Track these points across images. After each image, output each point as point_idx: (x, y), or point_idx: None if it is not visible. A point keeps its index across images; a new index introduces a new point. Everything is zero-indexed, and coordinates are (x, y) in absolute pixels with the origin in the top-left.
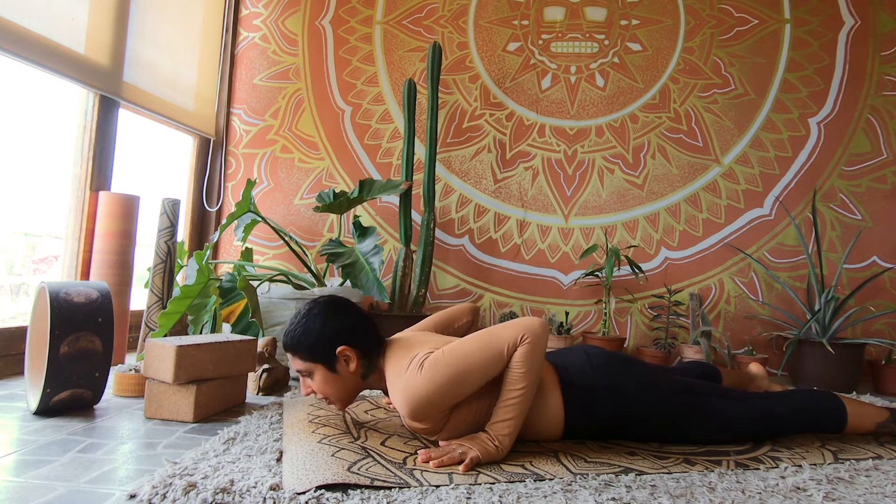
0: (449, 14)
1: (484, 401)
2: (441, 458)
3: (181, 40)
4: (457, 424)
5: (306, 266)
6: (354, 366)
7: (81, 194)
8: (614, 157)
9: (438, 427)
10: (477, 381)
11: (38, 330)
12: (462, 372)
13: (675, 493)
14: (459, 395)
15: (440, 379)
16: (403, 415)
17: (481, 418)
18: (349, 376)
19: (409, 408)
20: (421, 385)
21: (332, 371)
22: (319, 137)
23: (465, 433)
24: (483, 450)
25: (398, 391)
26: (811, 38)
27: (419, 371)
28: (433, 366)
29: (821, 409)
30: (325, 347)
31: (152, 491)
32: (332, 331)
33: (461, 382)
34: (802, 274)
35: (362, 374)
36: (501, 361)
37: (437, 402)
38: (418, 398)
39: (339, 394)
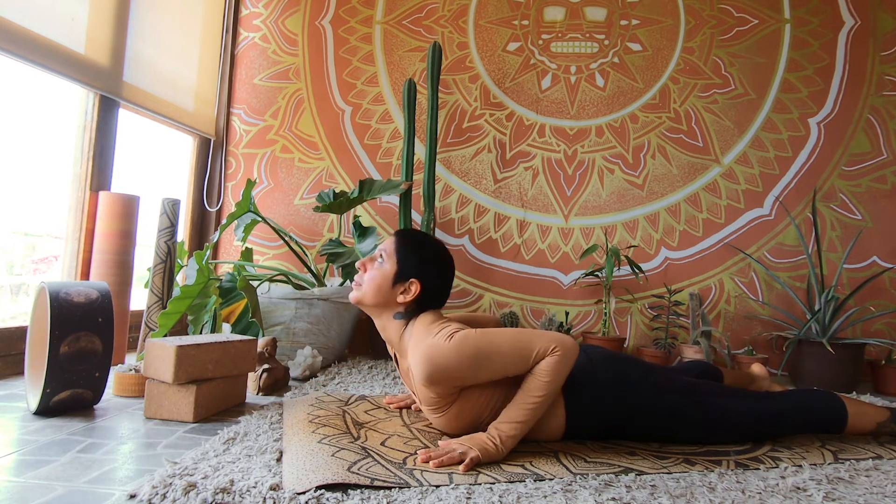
0: (449, 14)
1: (491, 398)
2: (441, 458)
3: (181, 40)
4: (459, 412)
5: (306, 266)
6: (403, 299)
7: (81, 194)
8: (614, 157)
9: (444, 403)
10: (497, 371)
11: (38, 330)
12: (487, 355)
13: (675, 493)
14: (476, 377)
15: (465, 353)
16: (419, 375)
17: (483, 414)
18: (391, 297)
19: (428, 369)
20: (445, 352)
21: (394, 279)
22: (319, 137)
23: (466, 423)
24: (483, 450)
25: (420, 351)
26: (811, 38)
27: (447, 340)
28: (463, 340)
29: (821, 408)
30: (413, 266)
31: (152, 491)
32: (430, 268)
33: (482, 366)
34: (802, 274)
35: (397, 312)
36: (526, 363)
37: (453, 374)
38: (438, 362)
39: (372, 292)
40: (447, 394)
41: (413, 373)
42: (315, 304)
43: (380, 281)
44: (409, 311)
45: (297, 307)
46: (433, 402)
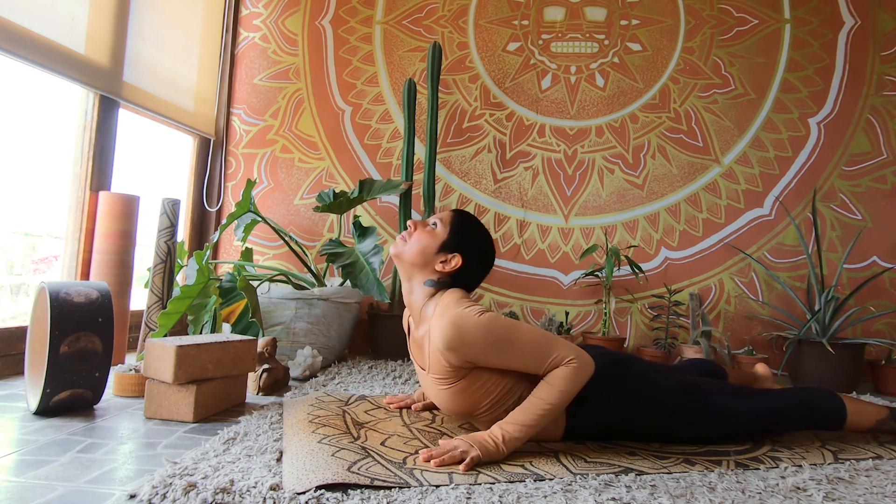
0: (449, 14)
1: (495, 388)
2: (442, 458)
3: (181, 40)
4: (462, 390)
5: (306, 266)
6: (441, 268)
7: (81, 194)
8: (614, 157)
9: (453, 376)
10: (512, 360)
11: (38, 330)
12: (509, 341)
13: (675, 493)
14: (492, 358)
15: (491, 332)
16: (441, 338)
17: (482, 402)
18: (431, 262)
19: (452, 334)
20: (473, 324)
21: (439, 247)
22: (319, 137)
23: (464, 405)
24: (484, 449)
25: (448, 316)
26: (811, 38)
27: (478, 315)
28: (491, 320)
29: (820, 405)
30: (462, 242)
31: (152, 491)
32: (475, 250)
33: (501, 350)
34: (802, 274)
35: (430, 279)
36: (541, 364)
37: (473, 347)
38: (464, 331)
39: (415, 250)
40: (458, 367)
41: (432, 337)
42: (315, 304)
43: (426, 242)
44: (442, 281)
45: (297, 307)
46: (443, 371)
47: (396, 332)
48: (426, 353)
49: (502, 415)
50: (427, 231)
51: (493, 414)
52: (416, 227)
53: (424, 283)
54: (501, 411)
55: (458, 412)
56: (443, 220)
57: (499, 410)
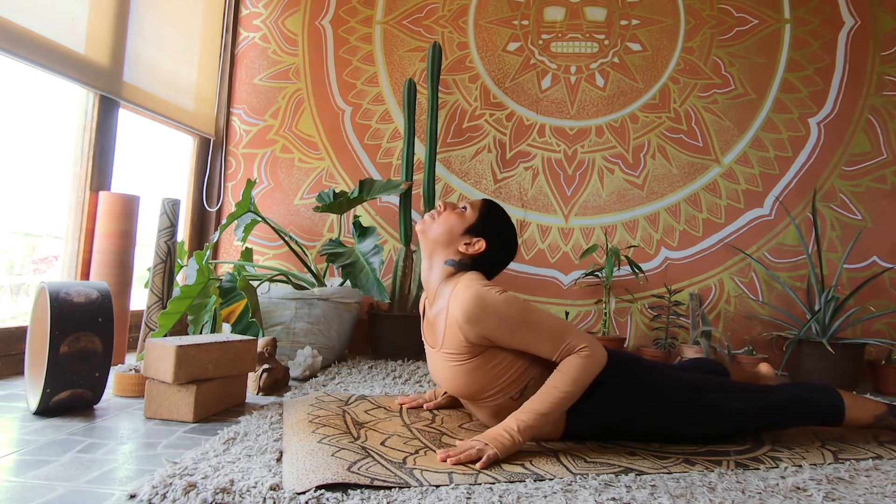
0: (449, 14)
1: (507, 371)
2: (459, 456)
3: (181, 40)
4: (474, 369)
5: (306, 266)
6: (464, 249)
7: (81, 194)
8: (614, 157)
9: (467, 353)
10: (527, 341)
11: (38, 330)
12: (527, 322)
13: (675, 493)
14: (507, 337)
15: (511, 310)
16: (461, 312)
17: (492, 385)
18: (455, 242)
19: (474, 307)
20: (494, 300)
21: (466, 229)
22: (319, 137)
23: (474, 385)
24: (500, 446)
25: (470, 291)
26: (811, 38)
27: (498, 293)
28: (512, 299)
29: (818, 399)
30: (488, 229)
31: (152, 491)
32: (500, 240)
33: (518, 329)
34: (802, 274)
35: (452, 259)
36: (554, 349)
37: (491, 323)
38: (485, 305)
39: (442, 229)
40: (474, 344)
41: (451, 311)
42: (315, 304)
43: (454, 223)
44: (462, 263)
45: (297, 307)
46: (458, 347)
47: (396, 332)
48: (439, 331)
49: (506, 402)
50: (456, 213)
51: (497, 400)
52: (445, 208)
53: (445, 262)
54: (507, 399)
55: (465, 392)
56: (473, 206)
57: (504, 397)
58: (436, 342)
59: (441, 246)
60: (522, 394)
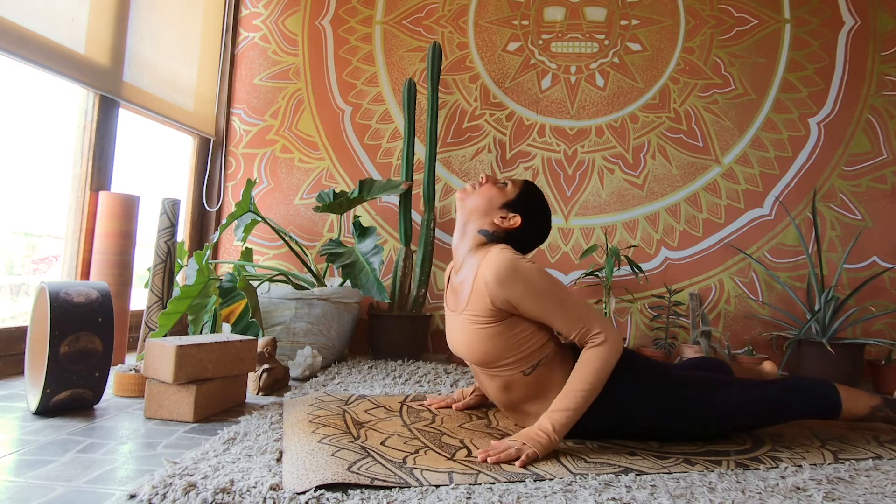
0: (449, 14)
1: (526, 343)
2: (498, 455)
3: (181, 40)
4: (496, 335)
5: (306, 266)
6: (500, 222)
7: (81, 194)
8: (614, 157)
9: (491, 316)
10: (549, 314)
11: (38, 330)
12: (552, 294)
13: (675, 493)
14: (532, 306)
15: (540, 280)
16: (492, 273)
17: (507, 354)
18: (492, 214)
19: (505, 269)
20: (525, 267)
21: (505, 203)
22: (319, 137)
23: (492, 351)
24: (538, 445)
25: (503, 256)
26: (811, 38)
27: (529, 262)
28: (541, 270)
29: (815, 392)
30: (527, 207)
31: (152, 491)
32: (535, 221)
33: (543, 300)
34: (802, 274)
35: (486, 229)
36: (573, 328)
37: (521, 286)
38: (516, 270)
39: (482, 199)
40: (498, 310)
41: (482, 273)
42: (315, 304)
43: (494, 195)
44: (495, 235)
45: (297, 307)
46: (483, 310)
47: (396, 332)
48: (464, 295)
49: (517, 377)
50: (497, 187)
51: (509, 371)
52: (486, 180)
53: (479, 231)
54: (518, 372)
55: (480, 357)
56: (514, 183)
57: (517, 370)
58: (458, 306)
59: (478, 215)
60: (534, 370)
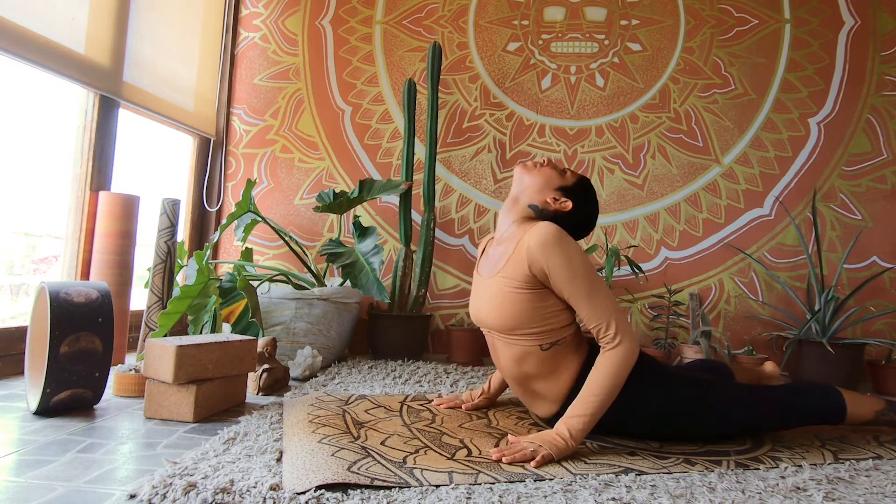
0: (449, 14)
1: (551, 319)
2: (513, 455)
3: (181, 40)
4: (525, 300)
5: (306, 266)
6: (551, 203)
7: (81, 194)
8: (614, 157)
9: (525, 282)
10: (579, 294)
11: (38, 330)
12: (587, 276)
13: (675, 493)
14: (565, 280)
15: (580, 259)
16: (538, 237)
17: (529, 322)
18: (547, 193)
19: (551, 236)
20: (570, 242)
21: (561, 186)
22: (319, 137)
23: (517, 317)
24: (554, 448)
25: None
26: (811, 38)
27: (575, 242)
28: (583, 253)
29: (819, 398)
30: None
31: (152, 491)
32: (584, 212)
33: (575, 278)
34: (802, 274)
35: (536, 205)
36: (596, 314)
37: (560, 256)
38: (561, 240)
39: (541, 177)
40: (533, 277)
41: (524, 240)
42: (315, 304)
43: (552, 177)
44: (544, 213)
45: (297, 307)
46: (518, 274)
47: (396, 332)
48: (501, 261)
49: (534, 350)
50: (557, 171)
51: (528, 342)
52: (548, 163)
53: (529, 205)
54: (535, 346)
55: (503, 321)
56: (573, 173)
57: (535, 343)
58: (493, 270)
59: (533, 191)
60: (552, 347)
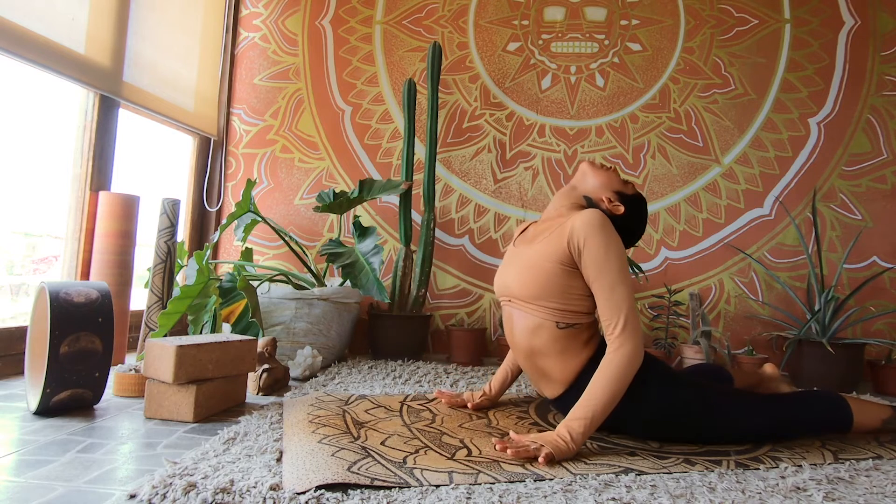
0: (449, 14)
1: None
2: (518, 451)
3: (181, 40)
4: (554, 277)
5: (306, 266)
6: (606, 203)
7: (81, 194)
8: (614, 158)
9: (557, 259)
10: (605, 283)
11: (38, 330)
12: (619, 270)
13: (675, 493)
14: (597, 264)
15: (617, 251)
16: (586, 217)
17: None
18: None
19: (597, 221)
20: (614, 233)
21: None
22: (319, 137)
23: (541, 289)
24: (556, 448)
25: (600, 213)
26: (811, 38)
27: (618, 236)
28: (622, 248)
29: (826, 408)
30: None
31: (152, 491)
32: (635, 221)
33: (609, 267)
34: (802, 274)
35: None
36: (610, 307)
37: (601, 242)
38: (605, 227)
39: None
40: (569, 255)
41: (571, 220)
42: (315, 304)
43: (614, 180)
44: (596, 208)
45: (297, 307)
46: (555, 248)
47: (396, 332)
48: (541, 234)
49: (550, 325)
50: (619, 177)
51: (549, 314)
52: (613, 168)
53: (585, 196)
54: (552, 321)
55: (530, 287)
56: (633, 186)
57: (552, 318)
58: (532, 241)
59: (592, 185)
60: (567, 328)
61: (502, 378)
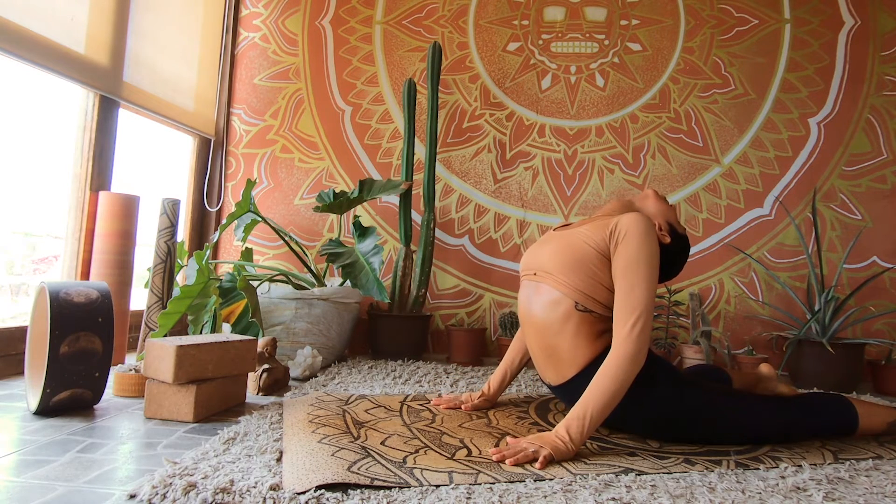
0: (449, 14)
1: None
2: (516, 456)
3: (181, 40)
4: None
5: (306, 266)
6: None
7: (81, 194)
8: (614, 157)
9: (598, 245)
10: (624, 277)
11: (38, 330)
12: (647, 275)
13: (675, 493)
14: (626, 262)
15: (651, 255)
16: (630, 215)
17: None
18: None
19: (643, 220)
20: (655, 238)
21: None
22: (319, 137)
23: (576, 265)
24: (555, 449)
25: (646, 218)
26: (811, 38)
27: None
28: (657, 252)
29: (832, 412)
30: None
31: (152, 491)
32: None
33: (638, 267)
34: (802, 274)
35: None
36: (626, 307)
37: (638, 242)
38: (649, 230)
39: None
40: (604, 244)
41: (620, 216)
42: (315, 304)
43: (670, 213)
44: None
45: (297, 307)
46: (595, 234)
47: (396, 332)
48: (588, 222)
49: (568, 304)
50: (675, 215)
51: (572, 292)
52: (673, 206)
53: (637, 209)
54: (571, 301)
55: (562, 261)
56: (684, 228)
57: (571, 298)
58: (575, 226)
59: (651, 209)
60: (586, 311)
61: (501, 378)
